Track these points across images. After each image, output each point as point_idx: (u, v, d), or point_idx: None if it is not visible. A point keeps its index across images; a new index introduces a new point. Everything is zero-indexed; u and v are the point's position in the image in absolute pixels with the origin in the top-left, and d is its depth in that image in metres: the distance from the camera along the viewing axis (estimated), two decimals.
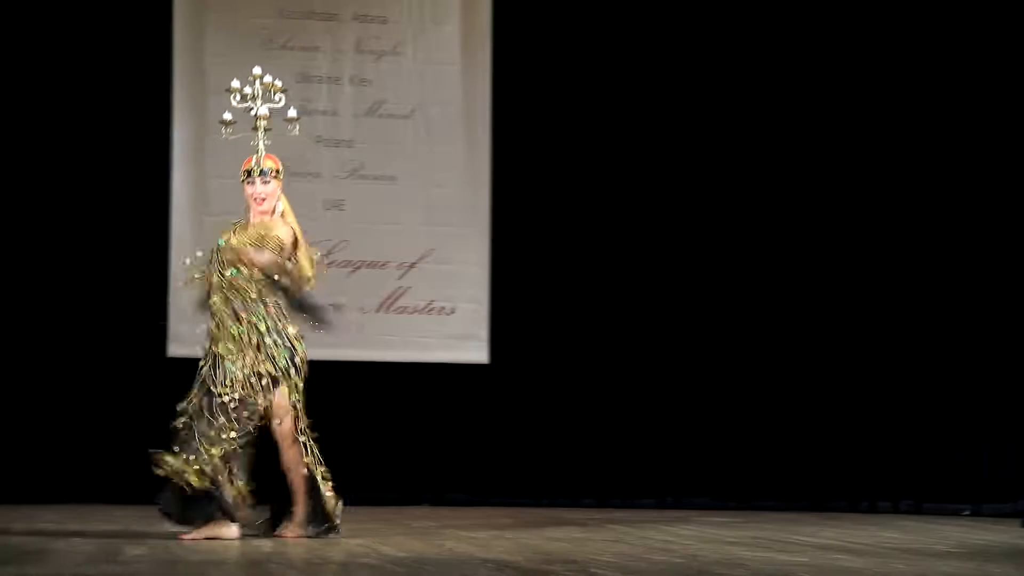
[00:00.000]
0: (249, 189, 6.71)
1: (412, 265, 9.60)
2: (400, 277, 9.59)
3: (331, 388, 9.33)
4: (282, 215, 6.75)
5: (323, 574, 5.21)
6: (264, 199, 6.68)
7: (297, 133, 6.82)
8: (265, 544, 6.31)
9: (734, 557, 5.92)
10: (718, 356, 9.72)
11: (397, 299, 9.59)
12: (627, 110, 9.82)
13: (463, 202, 9.65)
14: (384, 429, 9.48)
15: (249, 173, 6.71)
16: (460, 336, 9.61)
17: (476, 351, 9.63)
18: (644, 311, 9.75)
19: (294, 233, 6.68)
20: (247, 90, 6.77)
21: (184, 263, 6.88)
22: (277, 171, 6.73)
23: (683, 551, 6.20)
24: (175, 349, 9.10)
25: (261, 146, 6.72)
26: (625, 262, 9.77)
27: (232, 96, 6.77)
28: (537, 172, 9.76)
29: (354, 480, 9.28)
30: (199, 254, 6.77)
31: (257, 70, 6.79)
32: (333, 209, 9.54)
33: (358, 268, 9.56)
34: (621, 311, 9.74)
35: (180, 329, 9.03)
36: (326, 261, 7.11)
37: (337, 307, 9.49)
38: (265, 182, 6.68)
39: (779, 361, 9.67)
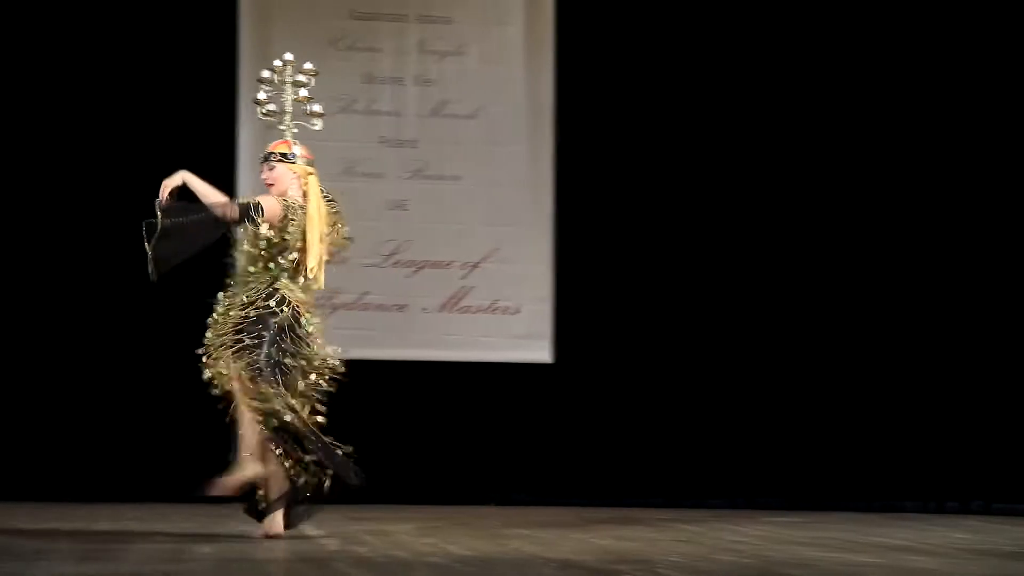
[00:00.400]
0: (262, 175, 6.69)
1: (475, 265, 9.61)
2: (463, 277, 9.60)
3: (395, 388, 9.42)
4: (304, 196, 6.62)
5: (390, 573, 5.20)
6: (271, 184, 6.62)
7: (319, 128, 6.78)
8: (330, 542, 6.32)
9: (804, 558, 5.87)
10: (789, 355, 9.66)
11: (461, 299, 9.59)
12: (690, 109, 9.78)
13: (526, 201, 9.65)
14: (449, 429, 9.49)
15: (264, 157, 6.67)
16: (524, 336, 9.60)
17: (540, 350, 9.62)
18: (710, 308, 9.71)
19: (282, 209, 6.51)
20: (276, 77, 6.73)
21: None
22: (283, 155, 6.62)
23: (752, 551, 6.15)
24: None
25: (288, 134, 6.70)
26: (689, 260, 9.73)
27: (261, 87, 6.74)
28: (600, 171, 9.75)
29: (419, 480, 9.39)
30: None
31: (288, 56, 6.76)
32: (396, 209, 9.56)
33: (421, 268, 9.57)
34: (686, 308, 9.70)
35: None
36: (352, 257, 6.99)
37: (400, 307, 9.54)
38: (271, 167, 6.61)
39: (850, 361, 9.60)
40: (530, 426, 9.59)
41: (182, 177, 6.48)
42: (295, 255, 6.54)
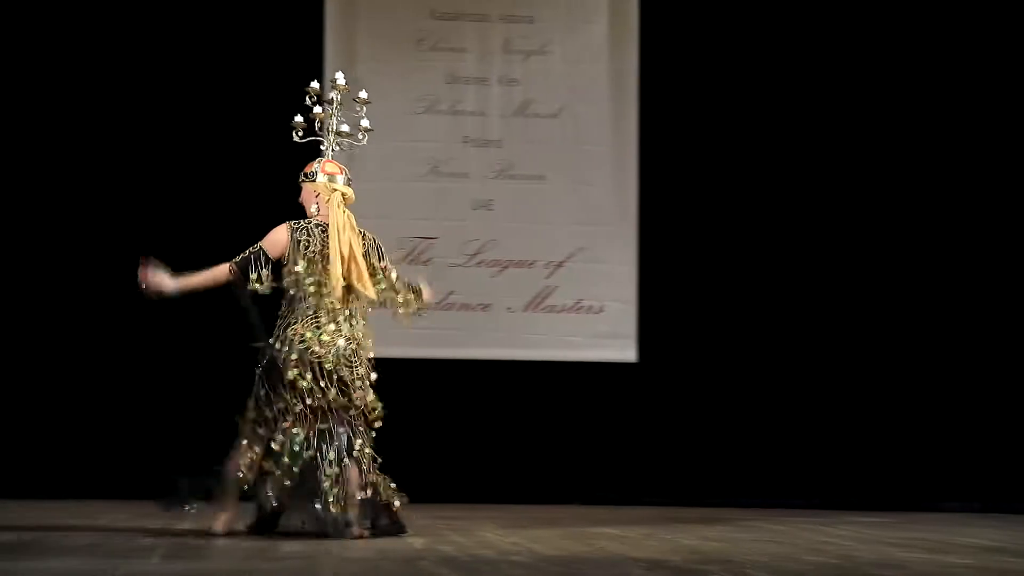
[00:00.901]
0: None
1: (560, 264, 9.61)
2: (548, 276, 9.60)
3: (479, 388, 9.45)
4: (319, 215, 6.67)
5: (476, 572, 5.21)
6: (304, 204, 6.72)
7: (365, 143, 6.83)
8: (417, 541, 6.35)
9: (892, 558, 5.81)
10: (873, 354, 9.60)
11: (545, 298, 9.59)
12: (776, 106, 9.73)
13: (611, 201, 9.63)
14: (533, 429, 9.51)
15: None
16: (608, 335, 9.59)
17: (624, 350, 9.60)
18: (794, 308, 9.66)
19: (287, 233, 6.57)
20: (330, 95, 6.79)
21: None
22: (304, 174, 6.73)
23: (838, 552, 6.10)
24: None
25: (329, 153, 6.76)
26: (774, 259, 9.68)
27: (308, 97, 6.79)
28: (685, 170, 9.72)
29: (505, 479, 9.40)
30: None
31: (339, 76, 6.81)
32: (481, 209, 9.59)
33: (506, 268, 9.59)
34: (770, 308, 9.66)
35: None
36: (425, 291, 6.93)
37: (485, 307, 9.56)
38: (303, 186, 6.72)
39: (939, 361, 9.52)
40: (614, 425, 9.58)
41: (175, 288, 6.51)
42: (317, 288, 6.50)
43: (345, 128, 6.81)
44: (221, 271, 6.57)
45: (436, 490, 9.28)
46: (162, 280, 6.51)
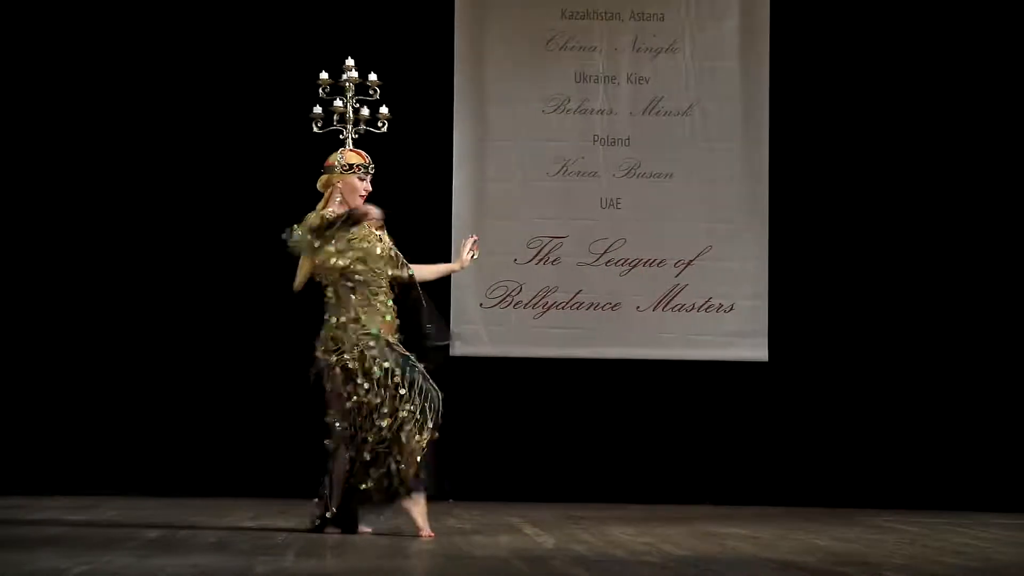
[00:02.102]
0: (360, 184, 6.71)
1: (689, 262, 9.55)
2: (677, 275, 9.55)
3: (608, 386, 9.42)
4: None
5: (607, 572, 5.20)
6: (367, 194, 6.73)
7: (385, 130, 6.83)
8: (548, 540, 6.35)
9: None
10: (1014, 351, 9.40)
11: (674, 296, 9.54)
12: (908, 104, 9.58)
13: (741, 198, 9.55)
14: (663, 428, 9.46)
15: (364, 168, 6.71)
16: (739, 333, 9.51)
17: (756, 348, 9.51)
18: (928, 303, 9.50)
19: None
20: (344, 82, 6.81)
21: None
22: (323, 169, 6.76)
23: (979, 554, 5.99)
24: (459, 348, 9.25)
25: (350, 141, 6.77)
26: (907, 254, 9.53)
27: (321, 88, 6.81)
28: (816, 166, 9.60)
29: (636, 478, 9.37)
30: None
31: (350, 62, 6.82)
32: (610, 207, 9.56)
33: (635, 266, 9.55)
34: (904, 304, 9.51)
35: (463, 329, 9.24)
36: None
37: (614, 306, 9.54)
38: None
39: None
40: (745, 425, 9.50)
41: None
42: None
43: (366, 112, 6.81)
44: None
45: (566, 489, 9.30)
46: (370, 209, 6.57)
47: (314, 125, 6.86)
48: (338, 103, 6.82)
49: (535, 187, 9.50)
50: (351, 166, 6.69)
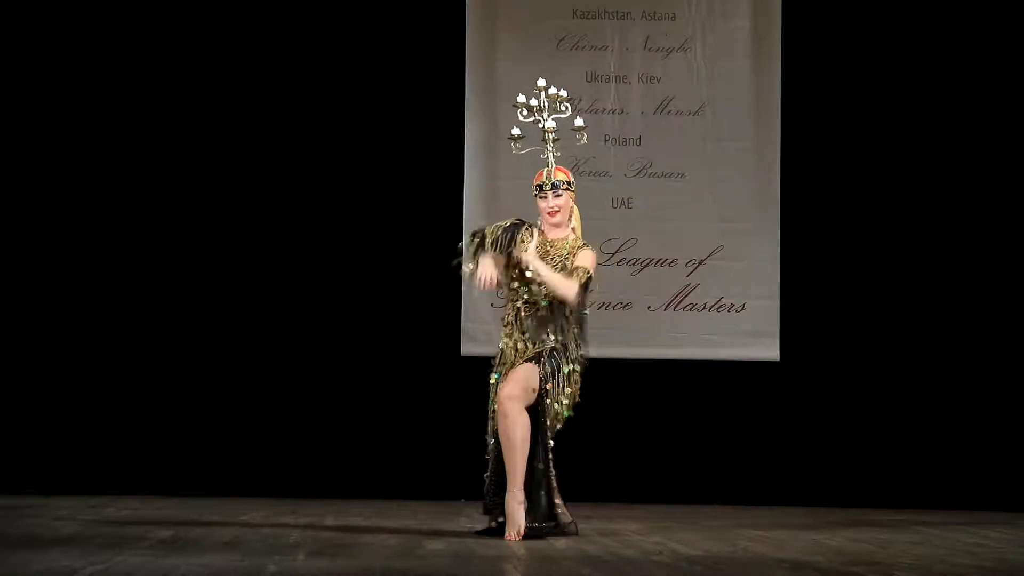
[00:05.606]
0: (542, 203, 6.73)
1: (701, 262, 9.54)
2: (688, 274, 9.54)
3: (619, 386, 9.41)
4: (572, 229, 6.76)
5: (619, 572, 5.20)
6: (556, 211, 6.71)
7: (585, 142, 6.82)
8: (559, 540, 6.35)
9: None
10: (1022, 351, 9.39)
11: (686, 296, 9.54)
12: (920, 104, 9.58)
13: (753, 198, 9.55)
14: (674, 428, 9.46)
15: (541, 187, 6.74)
16: (750, 333, 9.50)
17: (767, 348, 9.50)
18: (941, 303, 9.50)
19: (594, 258, 6.72)
20: (533, 102, 6.79)
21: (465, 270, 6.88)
22: (568, 183, 6.75)
23: (991, 555, 5.98)
24: (468, 348, 9.26)
25: (551, 159, 6.75)
26: (919, 254, 9.53)
27: (519, 111, 6.80)
28: (828, 167, 9.60)
29: (646, 478, 9.37)
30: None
31: (542, 82, 6.80)
32: (621, 207, 9.57)
33: (646, 266, 9.55)
34: (915, 306, 9.51)
35: (472, 328, 9.25)
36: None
37: (625, 306, 9.53)
38: (557, 195, 6.70)
39: None
40: (757, 425, 9.49)
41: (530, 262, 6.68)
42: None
43: (551, 124, 6.76)
44: (568, 286, 6.67)
45: (577, 489, 9.27)
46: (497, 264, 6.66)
47: (513, 146, 6.82)
48: (551, 123, 6.75)
49: None
50: (536, 188, 6.76)
